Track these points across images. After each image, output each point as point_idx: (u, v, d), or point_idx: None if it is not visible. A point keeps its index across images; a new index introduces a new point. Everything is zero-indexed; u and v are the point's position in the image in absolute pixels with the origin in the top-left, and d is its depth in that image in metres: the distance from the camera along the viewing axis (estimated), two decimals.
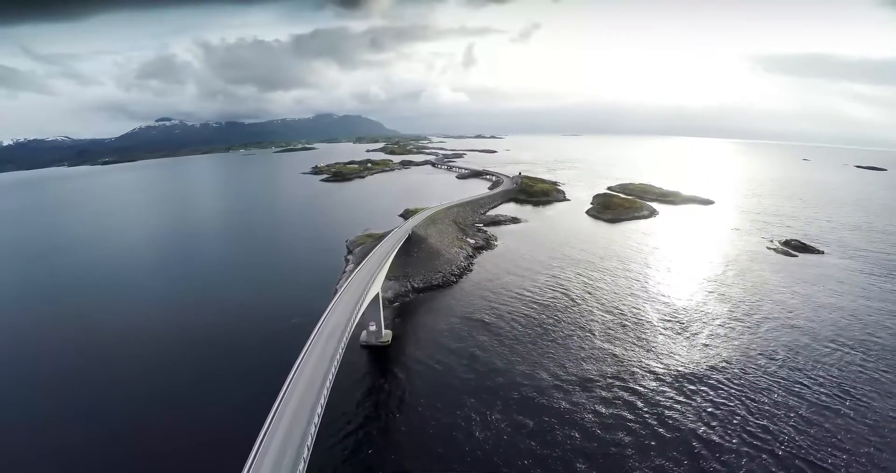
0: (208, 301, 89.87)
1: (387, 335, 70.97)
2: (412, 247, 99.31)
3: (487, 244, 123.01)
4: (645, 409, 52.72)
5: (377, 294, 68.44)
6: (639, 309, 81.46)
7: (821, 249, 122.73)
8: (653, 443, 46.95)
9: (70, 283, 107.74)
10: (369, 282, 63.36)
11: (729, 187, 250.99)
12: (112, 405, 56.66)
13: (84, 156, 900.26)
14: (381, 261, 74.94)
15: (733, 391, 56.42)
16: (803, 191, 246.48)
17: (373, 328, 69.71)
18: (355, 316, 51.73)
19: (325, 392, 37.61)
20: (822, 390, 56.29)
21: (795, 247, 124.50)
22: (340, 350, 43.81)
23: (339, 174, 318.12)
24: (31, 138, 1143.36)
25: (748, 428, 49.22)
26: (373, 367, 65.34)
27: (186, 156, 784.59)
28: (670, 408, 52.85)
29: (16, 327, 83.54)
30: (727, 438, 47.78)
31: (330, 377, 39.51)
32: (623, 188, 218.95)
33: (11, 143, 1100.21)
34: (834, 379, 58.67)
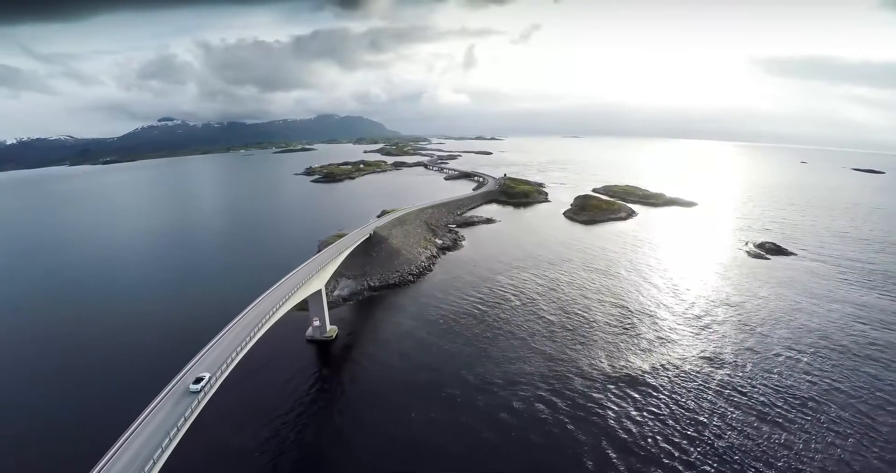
0: (178, 300, 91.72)
1: (332, 330, 71.83)
2: (373, 247, 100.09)
3: (454, 245, 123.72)
4: (567, 411, 52.65)
5: (320, 291, 69.22)
6: (584, 312, 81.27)
7: (795, 252, 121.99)
8: (567, 451, 46.61)
9: (60, 279, 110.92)
10: (303, 280, 64.14)
11: (717, 190, 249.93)
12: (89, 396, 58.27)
13: (86, 155, 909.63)
14: (327, 259, 75.72)
15: (664, 396, 55.62)
16: (794, 194, 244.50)
17: (317, 323, 70.67)
18: (274, 310, 52.49)
19: (223, 375, 38.69)
20: (755, 398, 55.30)
21: (769, 250, 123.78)
22: (246, 342, 44.51)
23: (330, 175, 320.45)
24: (35, 137, 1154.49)
25: (674, 436, 48.64)
26: (314, 361, 66.90)
27: (185, 156, 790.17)
28: (593, 413, 52.48)
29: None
30: (649, 443, 47.62)
31: (229, 361, 40.46)
32: (607, 190, 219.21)
33: (14, 142, 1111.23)
34: (768, 387, 57.63)
